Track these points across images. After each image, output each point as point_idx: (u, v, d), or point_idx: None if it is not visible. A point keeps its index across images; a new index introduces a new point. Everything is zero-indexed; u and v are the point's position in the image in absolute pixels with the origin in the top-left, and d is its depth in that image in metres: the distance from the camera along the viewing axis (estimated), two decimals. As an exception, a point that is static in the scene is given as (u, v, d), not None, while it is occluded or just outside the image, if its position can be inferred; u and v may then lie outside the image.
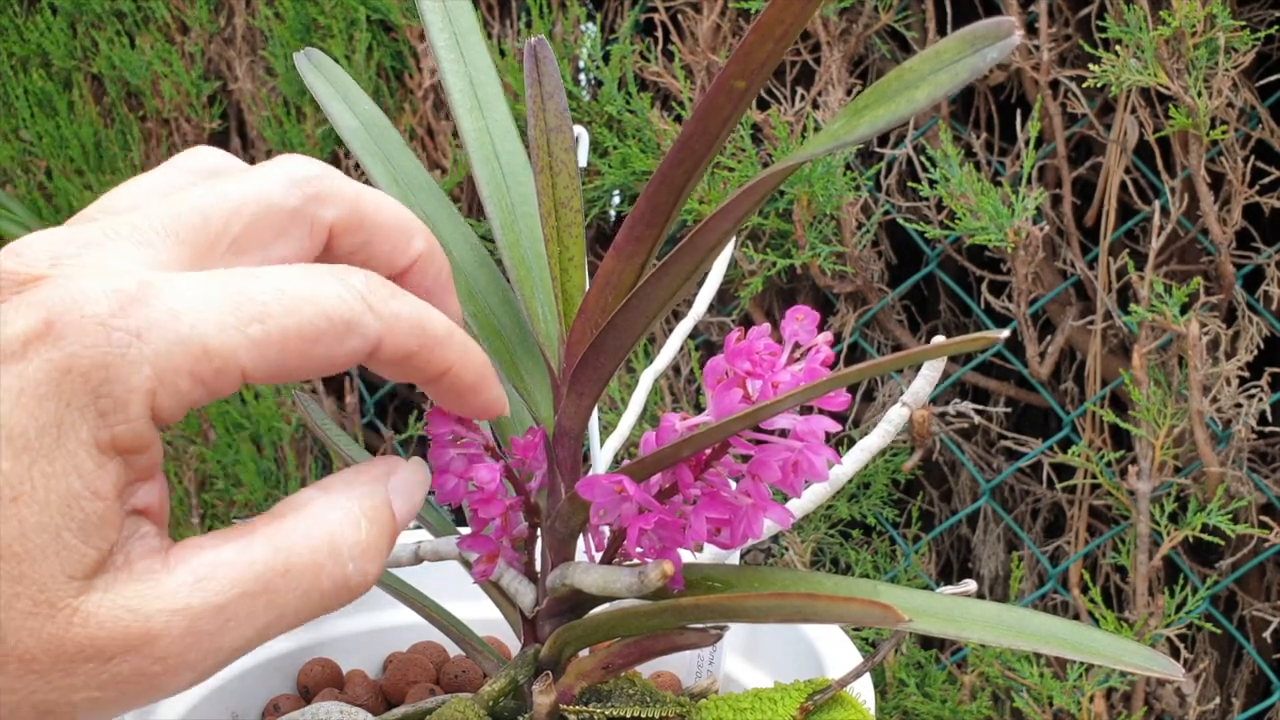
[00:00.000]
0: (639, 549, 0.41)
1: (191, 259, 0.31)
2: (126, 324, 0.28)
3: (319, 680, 0.58)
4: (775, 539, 1.10)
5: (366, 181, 0.41)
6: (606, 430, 1.01)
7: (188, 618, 0.29)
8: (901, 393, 0.53)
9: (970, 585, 0.47)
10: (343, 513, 0.33)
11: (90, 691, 0.29)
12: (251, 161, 1.49)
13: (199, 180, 0.33)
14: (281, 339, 0.30)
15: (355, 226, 0.34)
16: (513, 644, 0.52)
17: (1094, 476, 0.98)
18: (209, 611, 0.30)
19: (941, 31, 1.02)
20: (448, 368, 0.34)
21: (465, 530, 0.48)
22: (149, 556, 0.29)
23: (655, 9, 1.10)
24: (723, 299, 1.13)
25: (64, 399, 0.28)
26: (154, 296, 0.29)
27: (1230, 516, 0.92)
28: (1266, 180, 0.92)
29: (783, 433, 0.39)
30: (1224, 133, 0.88)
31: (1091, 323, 0.99)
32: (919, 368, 0.53)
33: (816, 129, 1.03)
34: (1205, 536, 0.92)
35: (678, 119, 1.07)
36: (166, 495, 0.31)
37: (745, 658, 0.62)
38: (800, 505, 0.53)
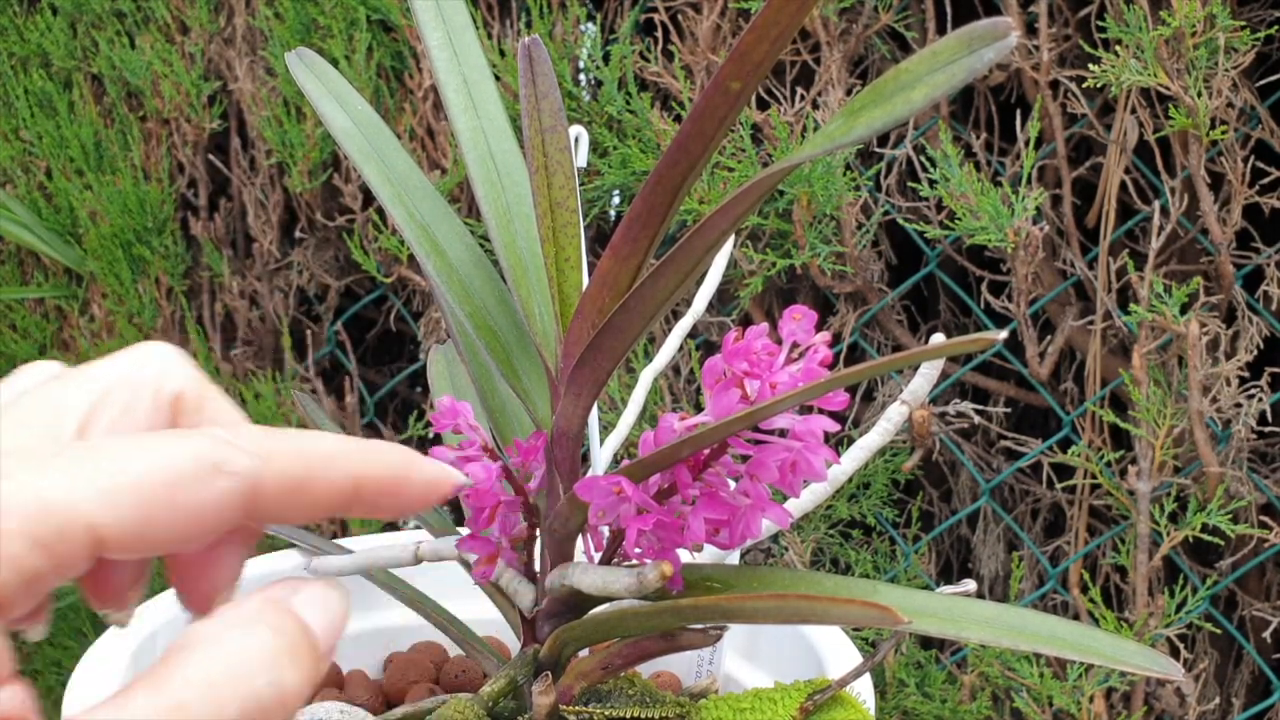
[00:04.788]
0: (638, 550, 0.41)
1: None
2: None
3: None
4: (775, 539, 1.10)
5: (362, 181, 0.41)
6: (606, 430, 1.00)
7: None
8: (901, 392, 0.53)
9: (970, 585, 0.47)
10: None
11: None
12: (252, 161, 1.48)
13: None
14: (136, 486, 0.26)
15: (197, 406, 0.31)
16: (513, 644, 0.52)
17: (1094, 476, 0.98)
18: None
19: (941, 32, 1.01)
20: (354, 477, 0.30)
21: (465, 531, 0.47)
22: None
23: (655, 9, 1.09)
24: (722, 299, 1.13)
25: None
26: None
27: (1230, 516, 0.92)
28: (1266, 180, 0.92)
29: (781, 432, 0.39)
30: (1224, 133, 0.88)
31: (1091, 323, 0.99)
32: (918, 367, 0.53)
33: (816, 129, 1.03)
34: (1205, 536, 0.92)
35: (678, 119, 1.06)
36: (30, 701, 0.26)
37: (745, 658, 0.62)
38: (799, 505, 0.53)
